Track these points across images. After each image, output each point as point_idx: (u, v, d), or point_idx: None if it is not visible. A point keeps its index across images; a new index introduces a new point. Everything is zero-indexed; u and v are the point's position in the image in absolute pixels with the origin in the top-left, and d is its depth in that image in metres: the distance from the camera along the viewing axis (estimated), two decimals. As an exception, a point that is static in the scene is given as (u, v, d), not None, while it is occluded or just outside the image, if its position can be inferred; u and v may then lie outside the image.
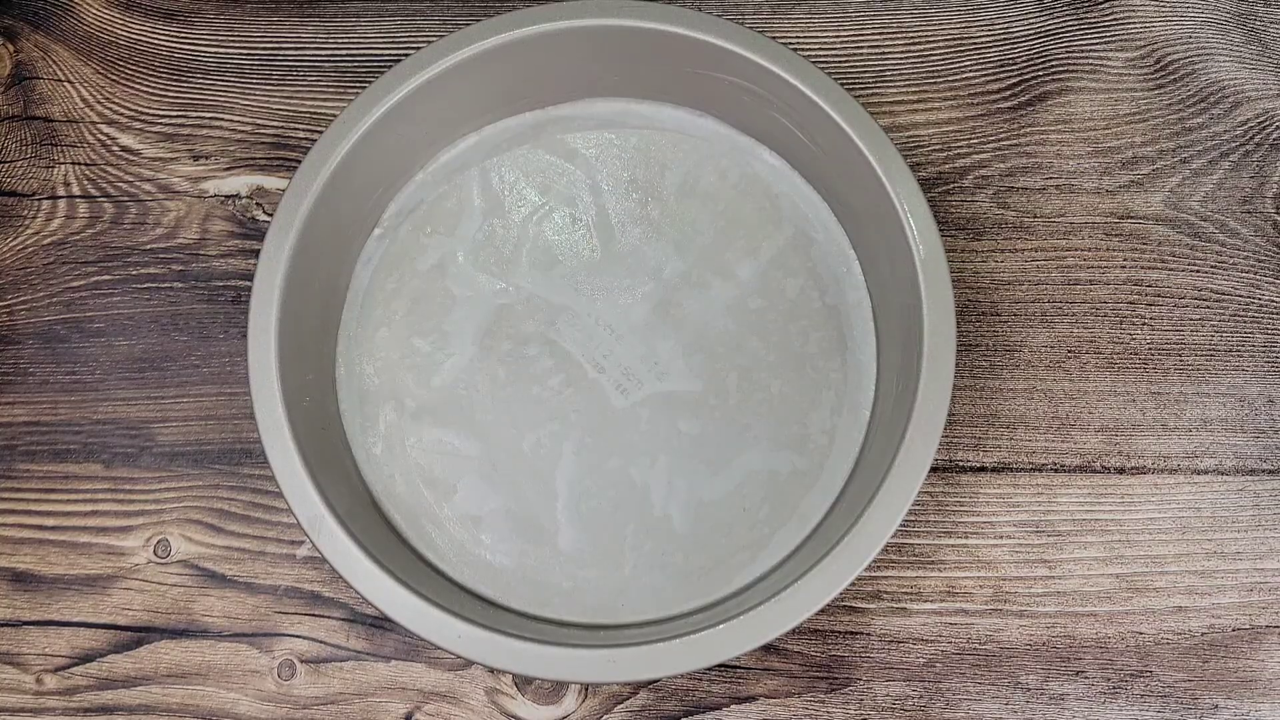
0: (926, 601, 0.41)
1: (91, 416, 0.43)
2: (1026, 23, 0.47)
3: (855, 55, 0.46)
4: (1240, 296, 0.44)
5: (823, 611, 0.35)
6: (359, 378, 0.42)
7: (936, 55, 0.46)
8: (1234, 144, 0.45)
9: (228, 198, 0.45)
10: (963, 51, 0.46)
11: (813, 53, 0.46)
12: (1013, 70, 0.46)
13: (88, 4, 0.48)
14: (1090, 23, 0.47)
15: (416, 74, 0.39)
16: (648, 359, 0.42)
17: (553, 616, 0.39)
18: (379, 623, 0.41)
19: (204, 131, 0.46)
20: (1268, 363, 0.43)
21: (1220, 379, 0.43)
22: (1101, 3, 0.47)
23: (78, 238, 0.45)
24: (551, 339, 0.42)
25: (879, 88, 0.46)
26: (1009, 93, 0.46)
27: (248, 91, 0.46)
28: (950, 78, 0.46)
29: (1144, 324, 0.43)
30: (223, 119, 0.46)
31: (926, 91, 0.46)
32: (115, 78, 0.47)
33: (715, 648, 0.35)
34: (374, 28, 0.47)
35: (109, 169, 0.45)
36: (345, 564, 0.35)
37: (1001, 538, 0.41)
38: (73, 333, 0.44)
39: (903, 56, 0.46)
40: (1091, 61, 0.46)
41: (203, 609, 0.41)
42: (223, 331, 0.44)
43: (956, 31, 0.47)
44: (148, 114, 0.46)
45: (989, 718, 0.40)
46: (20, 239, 0.45)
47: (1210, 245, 0.44)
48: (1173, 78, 0.46)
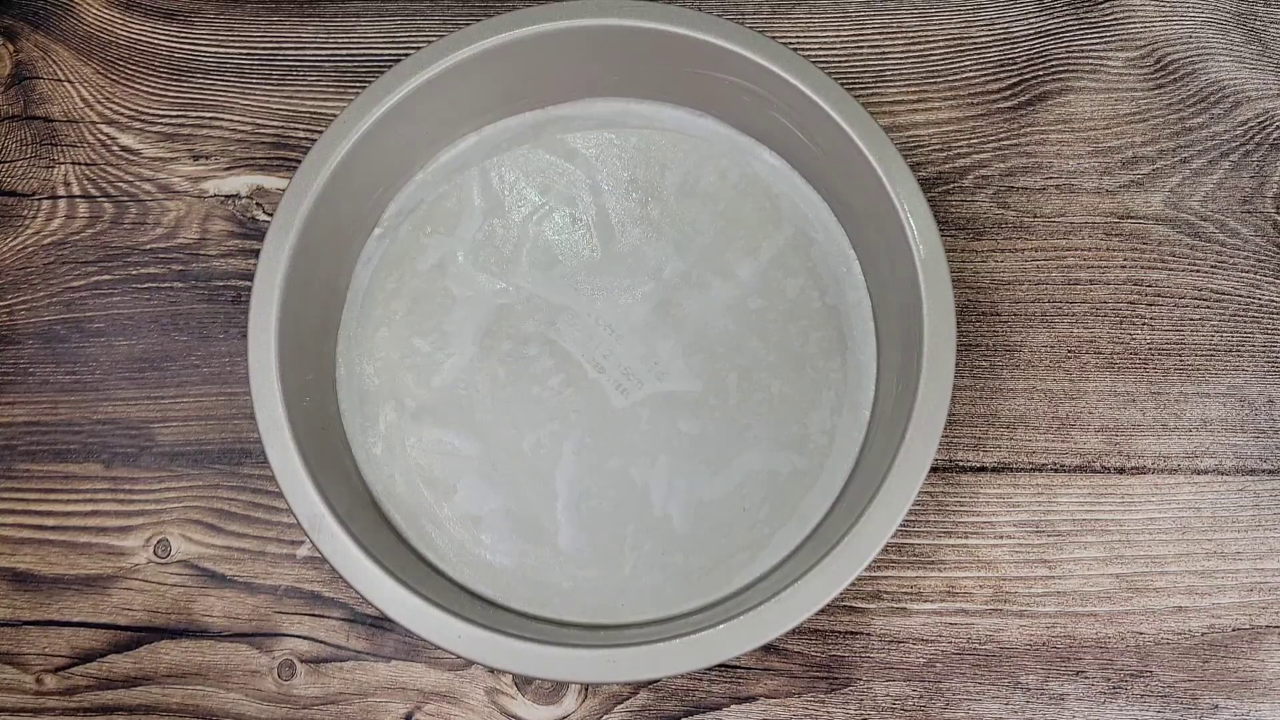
0: (926, 601, 0.41)
1: (91, 416, 0.43)
2: (1026, 23, 0.47)
3: (855, 55, 0.46)
4: (1240, 296, 0.44)
5: (823, 611, 0.35)
6: (359, 378, 0.42)
7: (936, 55, 0.46)
8: (1234, 144, 0.45)
9: (228, 198, 0.45)
10: (963, 51, 0.46)
11: (813, 53, 0.46)
12: (1013, 70, 0.46)
13: (88, 4, 0.48)
14: (1090, 23, 0.47)
15: (416, 74, 0.39)
16: (648, 359, 0.42)
17: (553, 616, 0.39)
18: (379, 623, 0.41)
19: (204, 131, 0.46)
20: (1268, 363, 0.43)
21: (1220, 379, 0.43)
22: (1101, 3, 0.47)
23: (78, 238, 0.45)
24: (551, 339, 0.42)
25: (879, 88, 0.46)
26: (1009, 93, 0.46)
27: (248, 91, 0.46)
28: (950, 78, 0.46)
29: (1144, 324, 0.43)
30: (223, 119, 0.46)
31: (926, 91, 0.46)
32: (115, 77, 0.47)
33: (715, 648, 0.35)
34: (374, 28, 0.47)
35: (109, 169, 0.45)
36: (345, 564, 0.35)
37: (1001, 538, 0.41)
38: (73, 333, 0.44)
39: (903, 56, 0.46)
40: (1091, 61, 0.46)
41: (203, 609, 0.41)
42: (223, 331, 0.44)
43: (956, 31, 0.47)
44: (148, 114, 0.46)
45: (989, 718, 0.40)
46: (20, 239, 0.45)
47: (1210, 245, 0.44)
48: (1173, 78, 0.46)
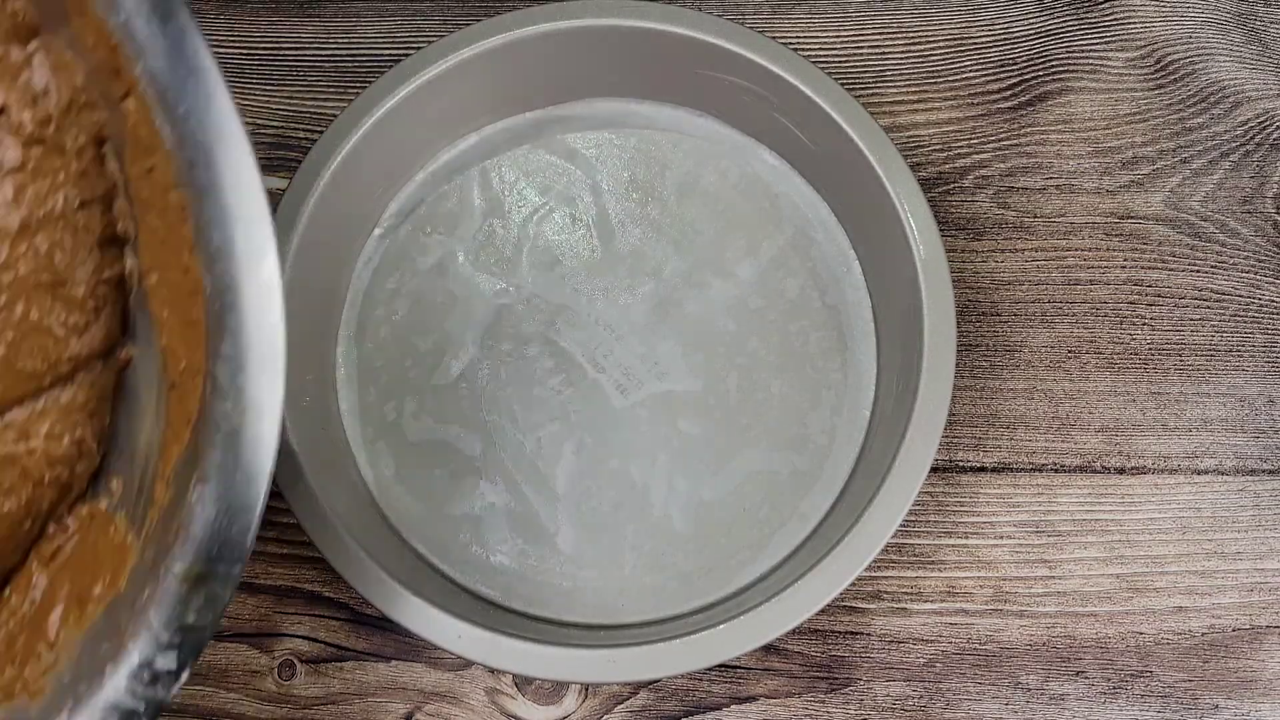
0: (926, 601, 0.41)
1: (91, 416, 0.43)
2: (1027, 23, 0.47)
3: (855, 55, 0.46)
4: (1240, 296, 0.44)
5: (823, 611, 0.35)
6: (359, 377, 0.42)
7: (936, 55, 0.46)
8: (1234, 144, 0.45)
9: (228, 198, 0.45)
10: (963, 51, 0.46)
11: (813, 53, 0.46)
12: (1013, 70, 0.46)
13: (88, 4, 0.48)
14: (1090, 23, 0.47)
15: (417, 74, 0.39)
16: (648, 359, 0.42)
17: (553, 616, 0.39)
18: (379, 623, 0.41)
19: (204, 131, 0.46)
20: (1268, 363, 0.43)
21: (1220, 379, 0.43)
22: (1102, 3, 0.47)
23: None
24: (551, 339, 0.42)
25: (879, 88, 0.46)
26: (1009, 93, 0.46)
27: (247, 91, 0.46)
28: (950, 78, 0.46)
29: (1144, 324, 0.43)
30: (223, 119, 0.46)
31: (926, 91, 0.46)
32: (115, 78, 0.47)
33: (715, 648, 0.35)
34: (374, 28, 0.47)
35: (109, 169, 0.45)
36: (345, 564, 0.35)
37: (1002, 538, 0.41)
38: (73, 333, 0.44)
39: (903, 56, 0.46)
40: (1092, 61, 0.46)
41: (203, 609, 0.41)
42: (223, 331, 0.44)
43: (956, 31, 0.47)
44: (148, 114, 0.46)
45: (989, 718, 0.40)
46: (20, 239, 0.45)
47: (1210, 245, 0.44)
48: (1173, 78, 0.46)
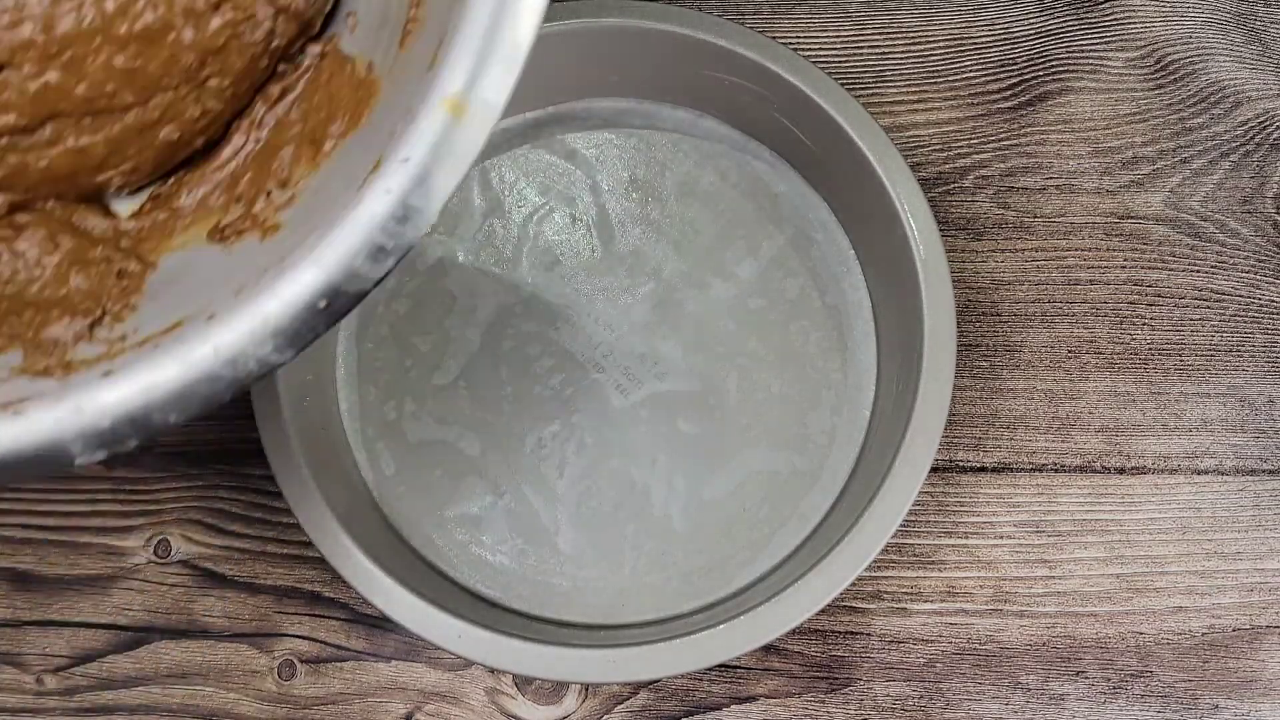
0: (926, 601, 0.41)
1: (91, 416, 0.43)
2: (1027, 23, 0.47)
3: (855, 55, 0.46)
4: (1240, 296, 0.44)
5: (823, 611, 0.35)
6: (359, 378, 0.42)
7: (936, 55, 0.46)
8: (1234, 144, 0.45)
9: (228, 198, 0.45)
10: (963, 51, 0.46)
11: (813, 53, 0.46)
12: (1013, 70, 0.46)
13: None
14: (1090, 23, 0.47)
15: (416, 74, 0.39)
16: (648, 359, 0.42)
17: (553, 616, 0.39)
18: (379, 623, 0.41)
19: (204, 131, 0.46)
20: (1268, 363, 0.43)
21: (1220, 379, 0.43)
22: (1102, 3, 0.47)
23: None
24: (551, 339, 0.42)
25: (879, 88, 0.46)
26: (1009, 93, 0.46)
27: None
28: (950, 78, 0.46)
29: (1144, 324, 0.43)
30: (223, 119, 0.46)
31: (926, 91, 0.46)
32: (115, 78, 0.47)
33: (715, 648, 0.35)
34: (374, 28, 0.47)
35: (109, 169, 0.45)
36: (345, 564, 0.35)
37: (1002, 538, 0.41)
38: (73, 333, 0.44)
39: (903, 56, 0.46)
40: (1092, 61, 0.46)
41: (203, 609, 0.41)
42: (223, 331, 0.44)
43: (956, 31, 0.47)
44: (148, 114, 0.46)
45: (989, 718, 0.40)
46: (20, 239, 0.45)
47: (1210, 245, 0.44)
48: (1173, 78, 0.46)
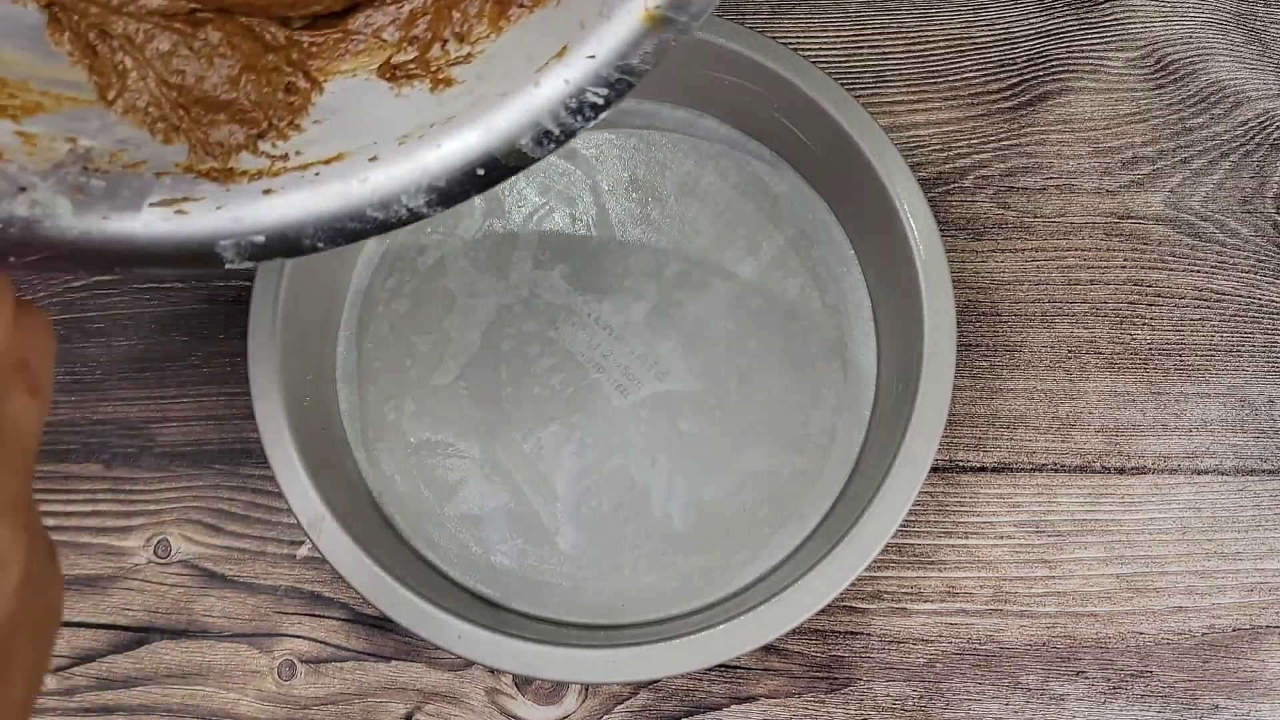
0: (927, 601, 0.41)
1: (91, 416, 0.43)
2: (1027, 23, 0.47)
3: (855, 55, 0.46)
4: (1240, 296, 0.44)
5: (823, 611, 0.35)
6: (359, 378, 0.42)
7: (936, 55, 0.46)
8: (1234, 144, 0.45)
9: (228, 198, 0.45)
10: (963, 51, 0.46)
11: (813, 53, 0.46)
12: (1013, 70, 0.46)
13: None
14: (1090, 23, 0.47)
15: (416, 74, 0.39)
16: (648, 359, 0.42)
17: (553, 616, 0.39)
18: (379, 623, 0.41)
19: (204, 131, 0.46)
20: (1268, 363, 0.43)
21: (1220, 379, 0.43)
22: (1102, 3, 0.47)
23: None
24: (551, 339, 0.42)
25: (879, 88, 0.46)
26: (1009, 93, 0.46)
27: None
28: (950, 78, 0.46)
29: (1144, 324, 0.43)
30: (223, 119, 0.46)
31: (926, 91, 0.46)
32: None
33: (715, 648, 0.35)
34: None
35: (109, 169, 0.45)
36: (345, 564, 0.35)
37: (1002, 538, 0.41)
38: (73, 333, 0.44)
39: (903, 56, 0.46)
40: (1092, 61, 0.46)
41: (203, 609, 0.41)
42: (223, 331, 0.44)
43: (956, 31, 0.47)
44: (148, 114, 0.46)
45: (989, 718, 0.40)
46: (20, 239, 0.45)
47: (1210, 245, 0.44)
48: (1173, 78, 0.46)
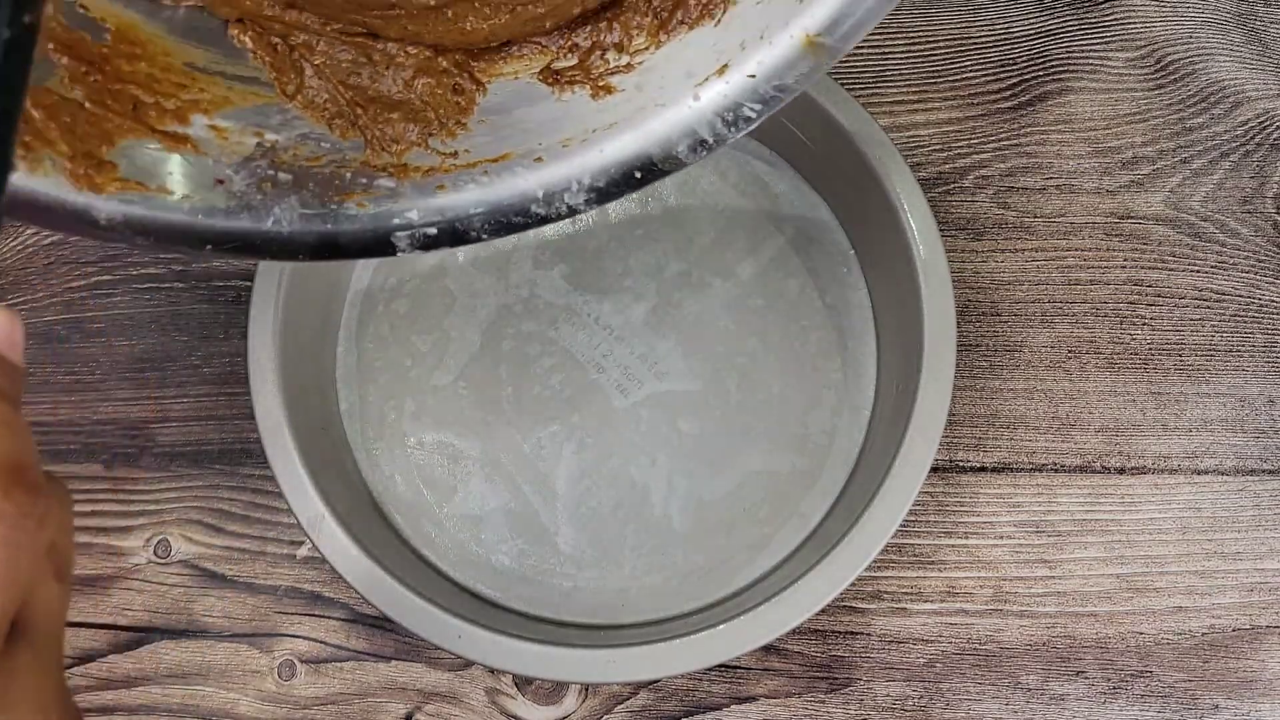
0: (927, 601, 0.41)
1: (91, 416, 0.43)
2: (1027, 23, 0.47)
3: (855, 55, 0.46)
4: (1240, 296, 0.44)
5: (823, 611, 0.35)
6: (359, 378, 0.42)
7: (936, 55, 0.46)
8: (1234, 144, 0.45)
9: (228, 198, 0.45)
10: (963, 51, 0.46)
11: (813, 53, 0.46)
12: (1013, 70, 0.46)
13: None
14: (1090, 23, 0.47)
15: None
16: (648, 359, 0.42)
17: (553, 616, 0.39)
18: (379, 623, 0.41)
19: (204, 131, 0.46)
20: (1268, 363, 0.43)
21: (1220, 379, 0.43)
22: (1102, 3, 0.47)
23: (78, 238, 0.45)
24: (551, 339, 0.42)
25: (879, 88, 0.46)
26: (1009, 93, 0.46)
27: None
28: (950, 78, 0.46)
29: (1144, 324, 0.43)
30: (223, 119, 0.46)
31: (926, 91, 0.46)
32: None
33: (715, 648, 0.35)
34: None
35: (109, 169, 0.45)
36: (345, 564, 0.35)
37: (1002, 538, 0.41)
38: (73, 333, 0.44)
39: (903, 56, 0.46)
40: (1092, 61, 0.46)
41: (203, 609, 0.41)
42: (223, 331, 0.44)
43: (957, 31, 0.47)
44: (148, 114, 0.46)
45: (989, 718, 0.40)
46: (20, 239, 0.45)
47: (1210, 245, 0.44)
48: (1173, 78, 0.46)
